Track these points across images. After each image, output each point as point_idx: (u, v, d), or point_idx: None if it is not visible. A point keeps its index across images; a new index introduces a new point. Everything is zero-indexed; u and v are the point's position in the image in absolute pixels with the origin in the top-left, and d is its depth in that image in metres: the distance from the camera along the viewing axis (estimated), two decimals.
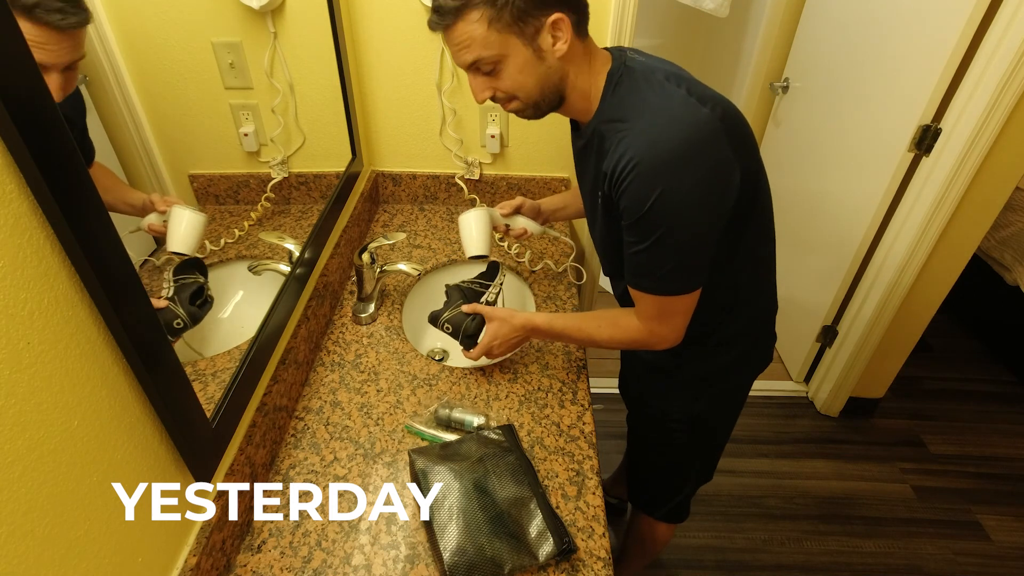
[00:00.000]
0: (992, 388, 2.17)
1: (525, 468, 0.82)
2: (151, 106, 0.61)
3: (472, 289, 1.03)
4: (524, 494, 0.79)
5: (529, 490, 0.79)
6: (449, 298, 1.01)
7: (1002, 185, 1.47)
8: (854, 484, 1.82)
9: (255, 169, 0.88)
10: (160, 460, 0.61)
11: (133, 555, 0.58)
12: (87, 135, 0.53)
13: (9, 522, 0.42)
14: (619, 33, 1.25)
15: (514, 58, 0.75)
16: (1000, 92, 1.30)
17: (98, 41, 0.53)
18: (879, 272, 1.69)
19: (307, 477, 0.85)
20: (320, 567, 0.74)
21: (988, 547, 1.66)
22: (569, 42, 0.75)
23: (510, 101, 0.81)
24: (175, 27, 0.67)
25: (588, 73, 0.80)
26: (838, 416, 2.02)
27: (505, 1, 0.71)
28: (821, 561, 1.62)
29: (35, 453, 0.44)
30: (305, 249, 1.00)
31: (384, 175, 1.47)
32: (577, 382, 1.02)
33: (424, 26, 1.24)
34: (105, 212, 0.48)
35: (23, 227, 0.42)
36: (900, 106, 1.50)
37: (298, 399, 0.97)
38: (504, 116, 1.38)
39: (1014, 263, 2.06)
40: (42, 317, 0.44)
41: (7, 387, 0.41)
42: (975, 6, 1.27)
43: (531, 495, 0.79)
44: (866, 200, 1.65)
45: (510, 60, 0.76)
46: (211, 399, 0.70)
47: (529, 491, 0.79)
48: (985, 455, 1.92)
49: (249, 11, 0.85)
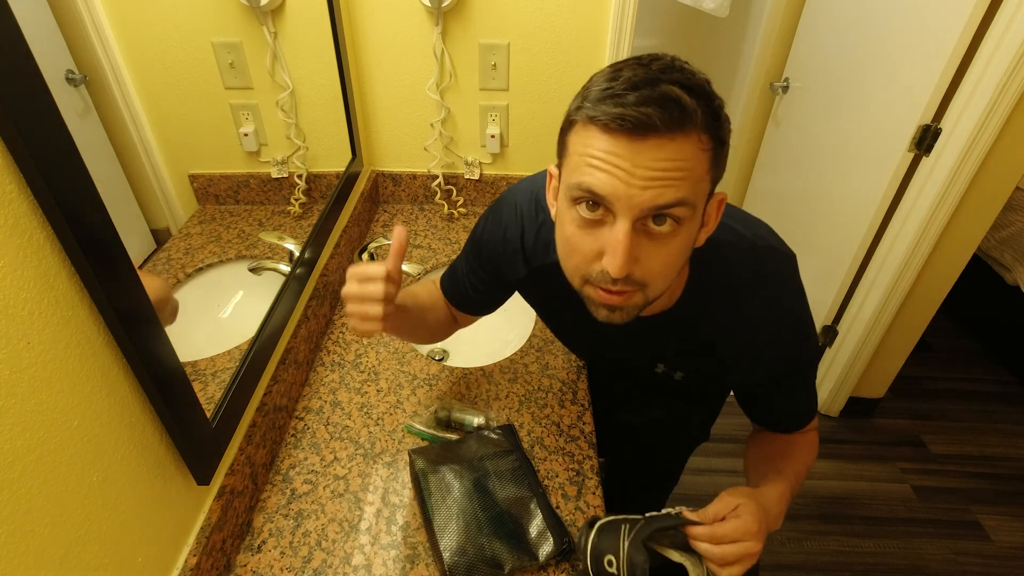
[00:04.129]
0: (992, 388, 2.17)
1: (525, 468, 0.82)
2: (151, 106, 0.61)
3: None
4: (524, 494, 0.79)
5: (529, 490, 0.79)
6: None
7: (1002, 185, 1.47)
8: (854, 484, 1.82)
9: (255, 169, 0.88)
10: (160, 460, 0.61)
11: (133, 555, 0.58)
12: None
13: (9, 522, 0.42)
14: (619, 33, 1.25)
15: (692, 224, 0.52)
16: (1000, 92, 1.30)
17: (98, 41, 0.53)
18: (879, 272, 1.69)
19: (307, 477, 0.85)
20: (320, 567, 0.74)
21: (988, 547, 1.66)
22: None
23: (637, 291, 0.54)
24: (175, 27, 0.67)
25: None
26: (838, 416, 2.02)
27: (724, 138, 0.50)
28: (821, 561, 1.61)
29: (35, 453, 0.44)
30: (305, 249, 1.00)
31: (384, 175, 1.47)
32: (577, 382, 1.02)
33: (424, 26, 1.25)
34: (105, 212, 0.48)
35: (23, 227, 0.42)
36: (900, 106, 1.50)
37: (298, 399, 0.97)
38: (504, 116, 1.38)
39: (1014, 263, 2.06)
40: (42, 317, 0.44)
41: (7, 387, 0.41)
42: (975, 6, 1.27)
43: (531, 495, 0.79)
44: (866, 200, 1.65)
45: (690, 224, 0.52)
46: (211, 399, 0.70)
47: (529, 491, 0.79)
48: (985, 455, 1.92)
49: (249, 11, 0.85)
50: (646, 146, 0.47)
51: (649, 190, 0.47)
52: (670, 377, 0.77)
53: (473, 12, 1.24)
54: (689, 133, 0.47)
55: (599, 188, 0.49)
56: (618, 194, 0.48)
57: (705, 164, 0.49)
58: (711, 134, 0.48)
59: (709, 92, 0.49)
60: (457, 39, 1.27)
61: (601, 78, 0.50)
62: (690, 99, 0.46)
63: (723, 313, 0.65)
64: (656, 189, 0.47)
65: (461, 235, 1.39)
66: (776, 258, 0.66)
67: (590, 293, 0.56)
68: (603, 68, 0.52)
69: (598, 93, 0.49)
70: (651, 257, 0.52)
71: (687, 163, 0.48)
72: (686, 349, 0.71)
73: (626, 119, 0.46)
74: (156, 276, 0.62)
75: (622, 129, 0.46)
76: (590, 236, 0.52)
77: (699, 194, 0.50)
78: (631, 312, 0.56)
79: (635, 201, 0.48)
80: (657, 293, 0.55)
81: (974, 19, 1.29)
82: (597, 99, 0.48)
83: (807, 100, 1.94)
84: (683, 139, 0.47)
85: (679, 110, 0.46)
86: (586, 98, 0.50)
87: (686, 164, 0.48)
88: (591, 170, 0.49)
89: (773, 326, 0.65)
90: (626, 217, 0.49)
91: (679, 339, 0.70)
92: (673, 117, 0.46)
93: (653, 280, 0.53)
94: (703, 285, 0.64)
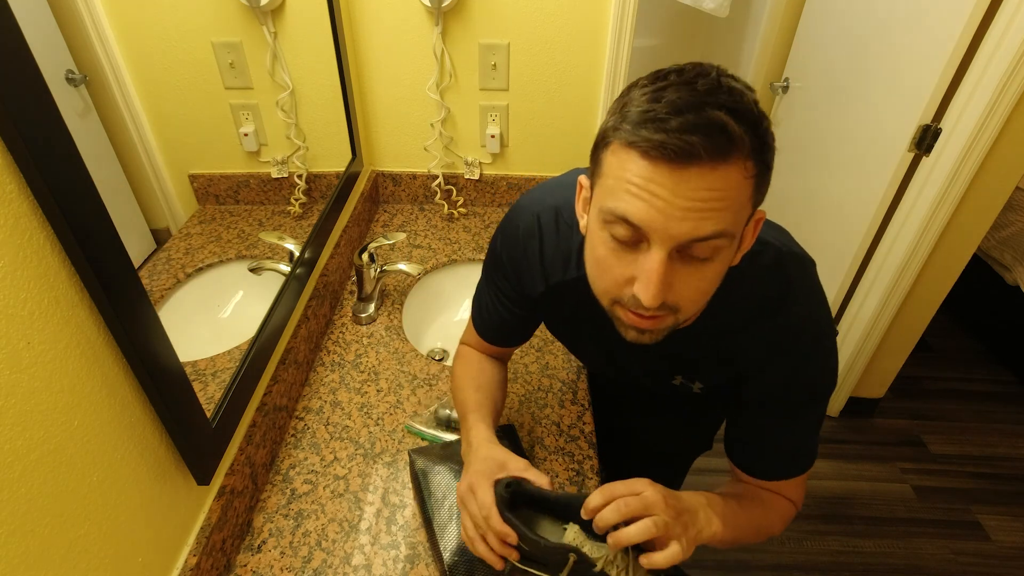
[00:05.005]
0: (992, 388, 2.17)
1: None
2: (151, 106, 0.61)
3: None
4: None
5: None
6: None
7: (1002, 185, 1.47)
8: (854, 484, 1.82)
9: (255, 169, 0.88)
10: (160, 460, 0.61)
11: (133, 555, 0.58)
12: None
13: (9, 522, 0.42)
14: (619, 33, 1.25)
15: (730, 250, 0.50)
16: (1000, 92, 1.30)
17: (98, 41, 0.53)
18: (879, 272, 1.69)
19: (307, 477, 0.85)
20: (320, 567, 0.74)
21: (988, 547, 1.66)
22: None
23: (669, 315, 0.52)
24: (175, 27, 0.67)
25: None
26: (838, 416, 2.02)
27: (770, 162, 0.48)
28: (821, 561, 1.61)
29: (35, 453, 0.44)
30: (305, 249, 1.00)
31: (384, 175, 1.47)
32: (577, 382, 1.02)
33: (424, 26, 1.25)
34: (105, 211, 0.48)
35: (23, 227, 0.42)
36: (900, 106, 1.50)
37: (298, 399, 0.97)
38: (504, 116, 1.38)
39: (1014, 263, 2.06)
40: (42, 317, 0.44)
41: (7, 387, 0.41)
42: (975, 6, 1.27)
43: None
44: (866, 200, 1.65)
45: (728, 251, 0.50)
46: (211, 399, 0.70)
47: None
48: (985, 455, 1.92)
49: (249, 11, 0.85)
50: (688, 175, 0.44)
51: (688, 221, 0.45)
52: (688, 389, 0.74)
53: (473, 12, 1.24)
54: (734, 162, 0.44)
55: (635, 217, 0.46)
56: (655, 225, 0.46)
57: (748, 191, 0.47)
58: (756, 159, 0.46)
59: (756, 115, 0.45)
60: (457, 39, 1.27)
61: (642, 97, 0.46)
62: (737, 126, 0.43)
63: (745, 327, 0.63)
64: (695, 221, 0.45)
65: (461, 235, 1.39)
66: (800, 266, 0.63)
67: (620, 314, 0.54)
68: (642, 81, 0.48)
69: (638, 115, 0.45)
70: (685, 283, 0.49)
71: (730, 192, 0.45)
72: (707, 361, 0.69)
73: (667, 147, 0.43)
74: None
75: (663, 157, 0.44)
76: (623, 260, 0.50)
77: (739, 222, 0.48)
78: (661, 334, 0.55)
79: (672, 232, 0.46)
80: (689, 316, 0.53)
81: (974, 19, 1.29)
82: (637, 121, 0.45)
83: (807, 100, 1.94)
84: (727, 168, 0.44)
85: (725, 138, 0.43)
86: (625, 118, 0.46)
87: (729, 194, 0.45)
88: (628, 197, 0.46)
89: (793, 343, 0.62)
90: (663, 247, 0.47)
91: (701, 352, 0.68)
92: (718, 146, 0.43)
93: (686, 305, 0.51)
94: (728, 296, 0.60)
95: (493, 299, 0.78)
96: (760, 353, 0.63)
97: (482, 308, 0.80)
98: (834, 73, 1.77)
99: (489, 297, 0.79)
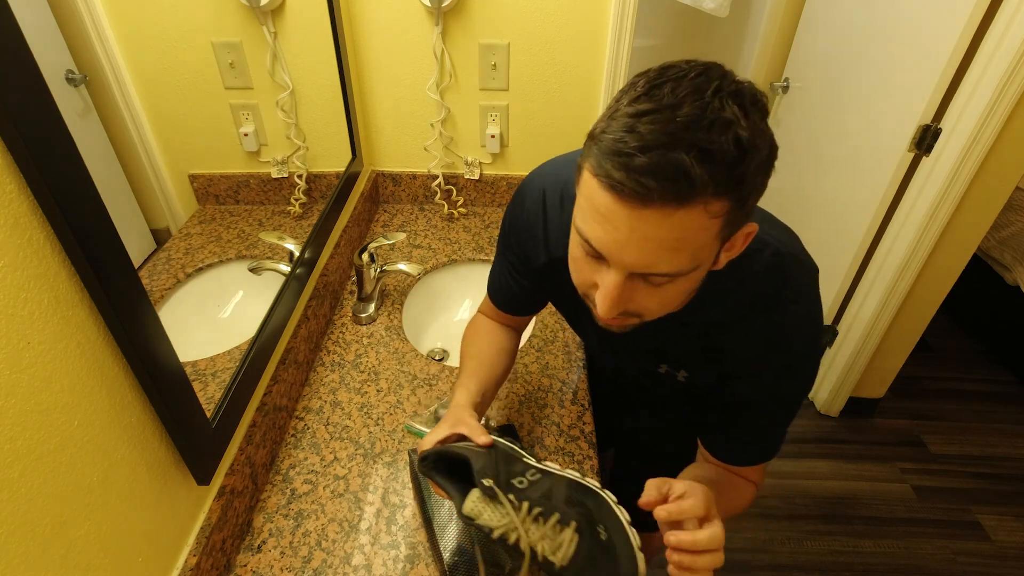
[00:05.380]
0: (992, 388, 2.17)
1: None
2: (151, 106, 0.61)
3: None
4: None
5: None
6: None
7: (1002, 185, 1.47)
8: (854, 484, 1.82)
9: (255, 169, 0.88)
10: (160, 460, 0.61)
11: (133, 555, 0.58)
12: None
13: (9, 522, 0.42)
14: (619, 33, 1.25)
15: (697, 273, 0.50)
16: (1000, 92, 1.30)
17: (98, 41, 0.53)
18: (879, 272, 1.69)
19: (307, 477, 0.85)
20: (320, 567, 0.74)
21: (988, 547, 1.66)
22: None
23: (632, 318, 0.55)
24: (175, 27, 0.67)
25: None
26: (838, 416, 2.02)
27: (750, 192, 0.46)
28: (821, 561, 1.62)
29: (35, 453, 0.44)
30: (305, 249, 1.00)
31: (384, 175, 1.47)
32: (577, 382, 1.02)
33: (424, 26, 1.25)
34: (105, 211, 0.48)
35: (23, 227, 0.42)
36: (900, 106, 1.50)
37: (298, 399, 0.97)
38: (504, 116, 1.38)
39: (1014, 263, 2.06)
40: (42, 317, 0.44)
41: (7, 387, 0.41)
42: (975, 6, 1.27)
43: None
44: (866, 200, 1.65)
45: (694, 274, 0.50)
46: (211, 399, 0.70)
47: None
48: (985, 455, 1.92)
49: (249, 11, 0.85)
50: (645, 215, 0.44)
51: (645, 256, 0.46)
52: (673, 378, 0.76)
53: (473, 12, 1.24)
54: (695, 205, 0.43)
55: (595, 242, 0.48)
56: (611, 252, 0.48)
57: (714, 230, 0.45)
58: (728, 196, 0.44)
59: (735, 154, 0.42)
60: (457, 39, 1.27)
61: (621, 118, 0.44)
62: (702, 170, 0.41)
63: (737, 323, 0.63)
64: (651, 257, 0.46)
65: (461, 235, 1.39)
66: (801, 268, 0.63)
67: (590, 305, 0.57)
68: (634, 89, 0.46)
69: (610, 143, 0.44)
70: (646, 297, 0.51)
71: (688, 235, 0.45)
72: (692, 350, 0.70)
73: (625, 188, 0.43)
74: None
75: (622, 196, 0.44)
76: (589, 266, 0.52)
77: (702, 258, 0.48)
78: (627, 328, 0.57)
79: (627, 261, 0.47)
80: (655, 318, 0.54)
81: (974, 19, 1.29)
82: (606, 151, 0.44)
83: (807, 100, 1.94)
84: (686, 212, 0.43)
85: (686, 184, 0.42)
86: (604, 134, 0.45)
87: (687, 235, 0.45)
88: (592, 222, 0.48)
89: (786, 342, 0.63)
90: (619, 271, 0.49)
91: (686, 339, 0.69)
92: (677, 192, 0.42)
93: (648, 313, 0.53)
94: (719, 292, 0.61)
95: (503, 269, 0.82)
96: (753, 350, 0.64)
97: (495, 277, 0.85)
98: (834, 73, 1.77)
99: (500, 267, 0.83)
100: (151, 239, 0.63)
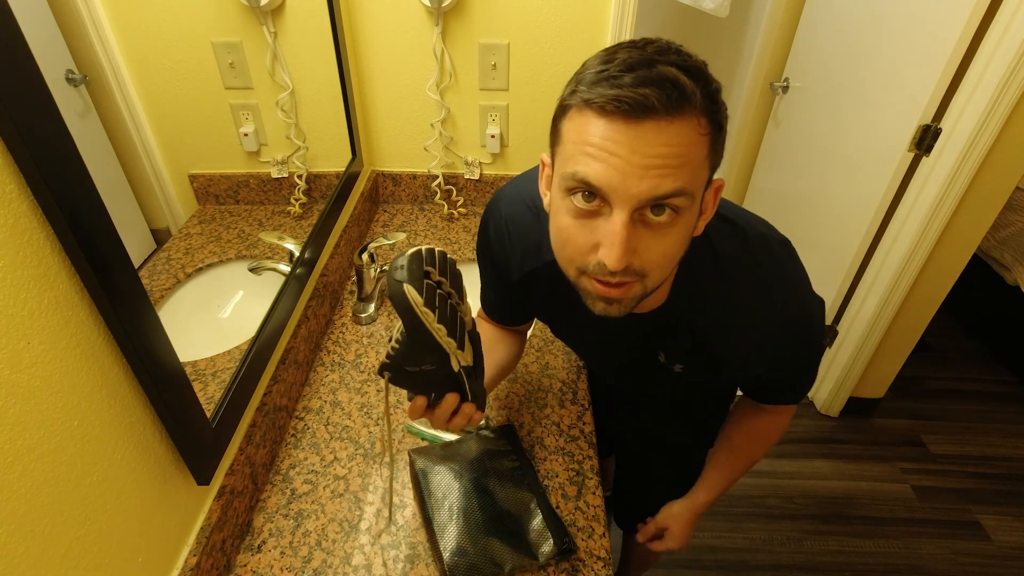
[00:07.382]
0: (992, 388, 2.17)
1: (525, 468, 0.82)
2: (151, 106, 0.61)
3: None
4: (524, 494, 0.79)
5: (529, 490, 0.79)
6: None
7: (1002, 185, 1.47)
8: (854, 484, 1.82)
9: (255, 169, 0.88)
10: (160, 460, 0.61)
11: (133, 555, 0.58)
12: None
13: (9, 522, 0.42)
14: (619, 33, 1.25)
15: (691, 213, 0.50)
16: (1000, 92, 1.30)
17: (98, 41, 0.53)
18: (879, 272, 1.69)
19: (307, 477, 0.85)
20: (320, 567, 0.74)
21: (988, 547, 1.66)
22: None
23: (636, 281, 0.52)
24: (175, 27, 0.67)
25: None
26: (838, 416, 2.02)
27: (722, 122, 0.49)
28: (821, 561, 1.62)
29: (35, 453, 0.44)
30: (305, 249, 1.00)
31: (384, 175, 1.47)
32: (577, 382, 1.02)
33: (424, 26, 1.25)
34: (105, 211, 0.48)
35: (23, 227, 0.42)
36: (900, 106, 1.50)
37: (298, 399, 0.97)
38: (504, 116, 1.38)
39: (1014, 263, 2.06)
40: (42, 317, 0.44)
41: (7, 387, 0.41)
42: (975, 6, 1.27)
43: (531, 495, 0.79)
44: (866, 200, 1.65)
45: (689, 213, 0.50)
46: (211, 399, 0.70)
47: (529, 491, 0.79)
48: (985, 455, 1.92)
49: (249, 11, 0.85)
50: (644, 129, 0.45)
51: (647, 179, 0.46)
52: (670, 369, 0.76)
53: (473, 12, 1.24)
54: (688, 116, 0.45)
55: (595, 179, 0.47)
56: (614, 185, 0.46)
57: (704, 149, 0.47)
58: (710, 118, 0.47)
59: (706, 75, 0.47)
60: (457, 39, 1.27)
61: (595, 61, 0.48)
62: (688, 80, 0.45)
63: (715, 309, 0.64)
64: (654, 179, 0.46)
65: (461, 235, 1.39)
66: (768, 247, 0.64)
67: (586, 285, 0.54)
68: (596, 53, 0.50)
69: (593, 76, 0.47)
70: (650, 248, 0.50)
71: (686, 148, 0.46)
72: (680, 344, 0.70)
73: (623, 100, 0.44)
74: None
75: (619, 111, 0.44)
76: (586, 227, 0.50)
77: (698, 182, 0.49)
78: (629, 304, 0.54)
79: (632, 191, 0.46)
80: (656, 283, 0.53)
81: (974, 19, 1.29)
82: (592, 82, 0.46)
83: (807, 100, 1.94)
84: (682, 122, 0.45)
85: (677, 91, 0.44)
86: (580, 82, 0.48)
87: (685, 149, 0.46)
88: (587, 159, 0.47)
89: (768, 323, 0.63)
90: (623, 208, 0.47)
91: (673, 335, 0.69)
92: (672, 98, 0.44)
93: (652, 270, 0.51)
94: (694, 279, 0.62)
95: (486, 287, 0.84)
96: (731, 338, 0.65)
97: (482, 291, 0.86)
98: (834, 73, 1.77)
99: (483, 284, 0.85)
100: (151, 239, 0.63)
